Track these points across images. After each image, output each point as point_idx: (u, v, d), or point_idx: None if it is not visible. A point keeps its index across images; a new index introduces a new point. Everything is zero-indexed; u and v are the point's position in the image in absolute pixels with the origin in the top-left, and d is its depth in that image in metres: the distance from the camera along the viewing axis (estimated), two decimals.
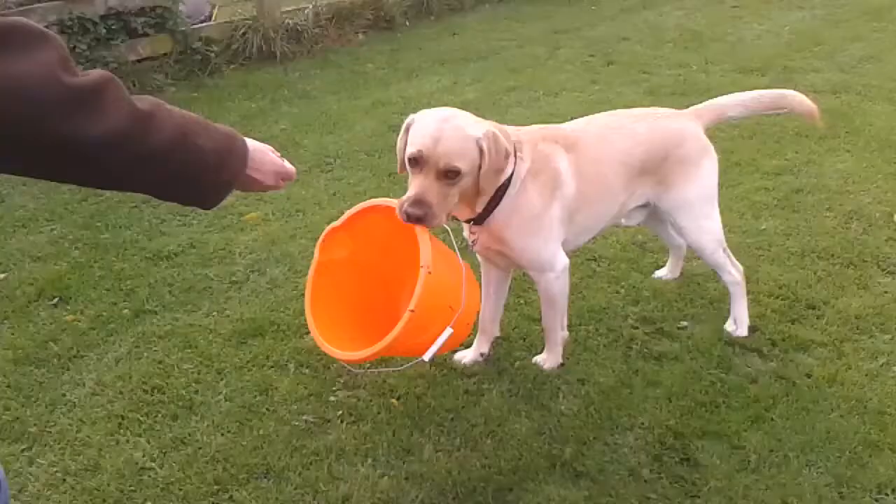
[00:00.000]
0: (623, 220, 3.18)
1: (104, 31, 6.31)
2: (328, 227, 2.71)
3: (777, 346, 3.15)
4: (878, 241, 3.89)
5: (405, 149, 2.55)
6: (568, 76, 6.46)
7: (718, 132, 4.99)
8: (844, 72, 6.41)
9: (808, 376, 2.98)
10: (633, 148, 2.95)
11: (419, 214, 2.45)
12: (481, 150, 2.51)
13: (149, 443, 2.71)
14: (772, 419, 2.77)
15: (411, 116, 2.60)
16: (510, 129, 2.76)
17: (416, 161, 2.48)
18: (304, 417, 2.80)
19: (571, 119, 5.22)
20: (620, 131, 2.98)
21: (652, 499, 2.47)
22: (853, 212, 4.17)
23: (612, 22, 8.03)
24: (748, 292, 3.24)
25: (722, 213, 3.15)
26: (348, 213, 2.70)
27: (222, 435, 2.73)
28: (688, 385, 2.93)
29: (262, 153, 1.72)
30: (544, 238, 2.79)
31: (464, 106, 5.69)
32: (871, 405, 2.83)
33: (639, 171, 2.97)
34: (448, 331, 2.47)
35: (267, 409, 2.85)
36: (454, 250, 2.65)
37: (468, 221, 2.76)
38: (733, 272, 3.18)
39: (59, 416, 2.85)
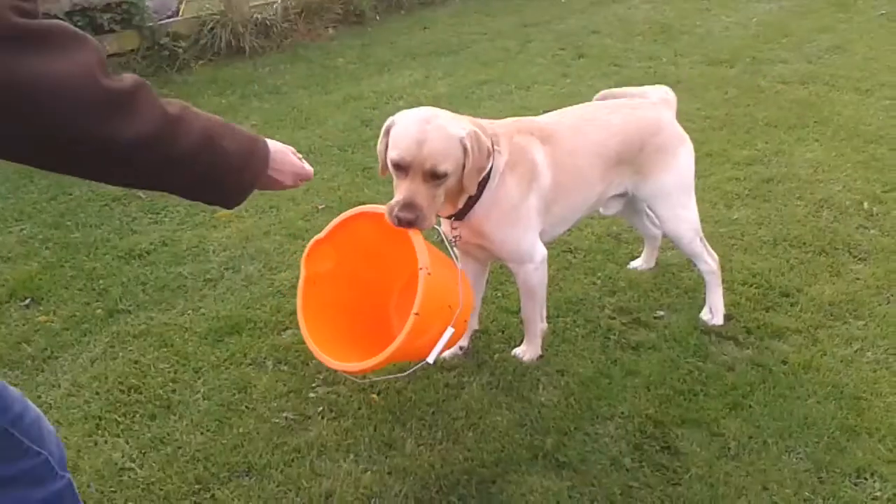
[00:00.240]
0: (601, 209, 3.20)
1: None
2: (312, 241, 2.69)
3: (752, 334, 3.18)
4: (849, 229, 3.94)
5: (386, 151, 2.52)
6: (539, 69, 6.47)
7: (689, 124, 5.03)
8: (812, 62, 6.49)
9: (784, 363, 3.02)
10: (608, 139, 2.96)
11: (411, 218, 2.44)
12: (465, 150, 2.50)
13: (127, 443, 2.68)
14: (750, 406, 2.80)
15: (391, 119, 2.57)
16: (485, 122, 2.76)
17: (401, 165, 2.47)
18: (284, 414, 2.78)
19: (544, 112, 5.24)
20: (595, 122, 2.98)
21: (634, 487, 2.49)
22: (824, 200, 4.23)
23: (581, 15, 8.05)
24: (722, 282, 3.27)
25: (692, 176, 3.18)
26: (331, 224, 2.67)
27: (202, 434, 2.71)
28: (666, 374, 2.95)
29: (283, 154, 1.82)
30: (523, 229, 2.80)
31: (436, 100, 5.73)
32: (847, 390, 2.87)
33: (615, 161, 2.98)
34: (450, 330, 2.47)
35: (246, 406, 2.83)
36: (447, 250, 2.65)
37: (449, 217, 2.75)
38: (709, 261, 3.20)
39: None
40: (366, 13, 7.93)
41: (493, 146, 2.67)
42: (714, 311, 3.24)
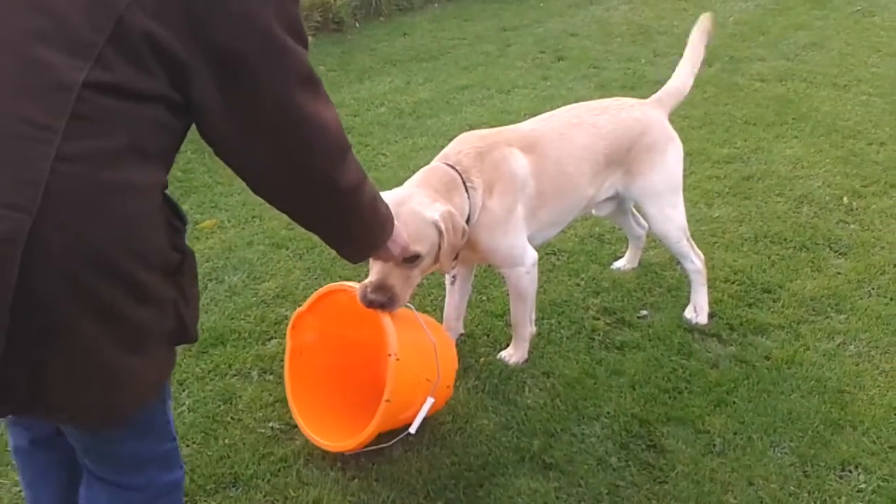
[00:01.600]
0: (594, 211, 3.22)
1: None
2: (295, 313, 2.70)
3: (735, 331, 3.20)
4: (829, 224, 3.98)
5: None
6: (519, 73, 6.49)
7: (670, 123, 5.07)
8: (789, 59, 6.54)
9: (768, 359, 3.04)
10: (595, 143, 2.96)
11: (382, 301, 2.43)
12: (440, 232, 2.50)
13: None
14: (734, 402, 2.81)
15: None
16: (468, 138, 2.76)
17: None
18: (270, 424, 2.78)
19: (526, 115, 5.25)
20: (581, 127, 2.97)
21: (621, 486, 2.50)
22: (803, 196, 4.26)
23: (560, 18, 8.08)
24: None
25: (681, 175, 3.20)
26: (312, 297, 2.68)
27: (187, 446, 2.69)
28: (650, 373, 2.96)
29: (399, 229, 2.10)
30: (513, 236, 2.82)
31: (417, 106, 5.75)
32: (831, 384, 2.89)
33: (604, 164, 2.99)
34: (429, 401, 2.50)
35: (232, 417, 2.82)
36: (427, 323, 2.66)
37: None
38: (695, 260, 3.22)
39: None
40: (345, 20, 7.93)
41: (465, 185, 2.68)
42: (698, 310, 3.25)
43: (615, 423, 2.74)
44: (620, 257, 3.69)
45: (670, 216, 3.13)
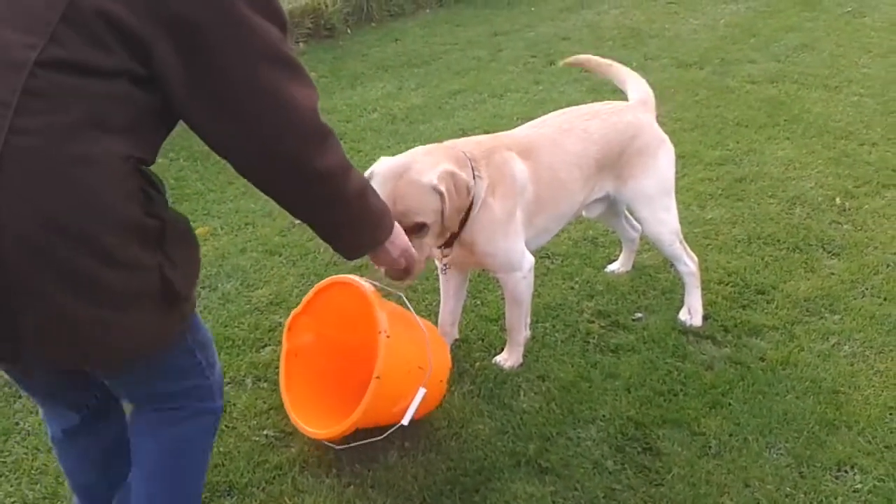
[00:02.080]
0: (584, 212, 3.22)
1: None
2: (291, 315, 2.70)
3: (730, 332, 3.20)
4: (822, 225, 3.98)
5: None
6: (511, 77, 6.50)
7: (661, 126, 5.07)
8: (780, 61, 6.56)
9: (762, 360, 3.04)
10: (587, 148, 2.95)
11: (399, 274, 2.35)
12: (441, 196, 2.49)
13: None
14: (729, 404, 2.81)
15: (370, 170, 2.56)
16: (465, 144, 2.74)
17: None
18: (265, 432, 2.76)
19: (518, 120, 5.25)
20: (573, 133, 2.96)
21: (617, 490, 2.49)
22: (796, 197, 4.27)
23: (551, 22, 8.09)
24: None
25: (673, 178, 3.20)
26: (307, 296, 2.68)
27: None
28: (645, 375, 2.96)
29: (399, 230, 2.08)
30: (512, 240, 2.81)
31: (410, 111, 5.75)
32: (826, 385, 2.90)
33: (596, 169, 2.99)
34: (421, 391, 2.48)
35: (226, 426, 2.80)
36: (412, 312, 2.65)
37: (439, 247, 2.74)
38: (689, 263, 3.22)
39: (13, 446, 2.76)
40: (337, 26, 7.93)
41: (473, 173, 2.66)
42: (693, 312, 3.25)
43: (611, 426, 2.73)
44: (614, 260, 3.69)
45: (663, 219, 3.13)
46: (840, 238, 3.86)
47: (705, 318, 3.26)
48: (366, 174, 2.52)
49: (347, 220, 1.87)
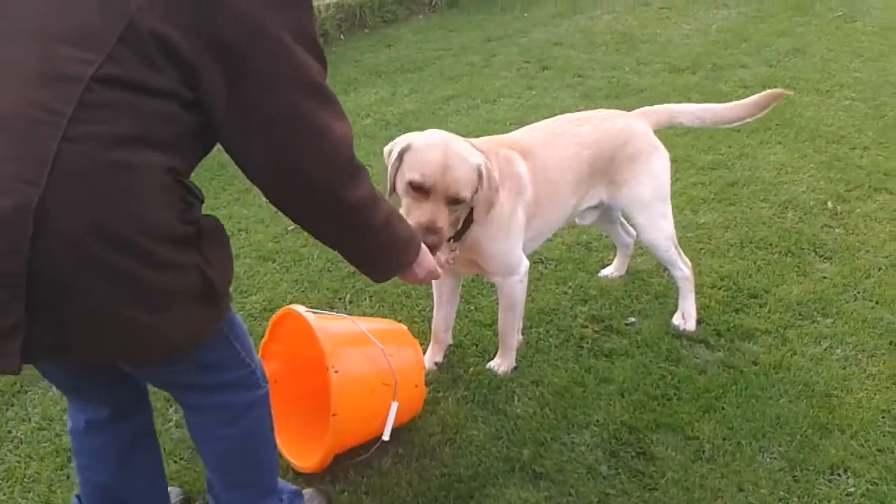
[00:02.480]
0: (577, 219, 3.22)
1: None
2: (261, 344, 2.69)
3: (723, 336, 3.21)
4: (814, 229, 4.00)
5: (397, 174, 2.53)
6: (504, 83, 6.51)
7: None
8: (772, 66, 6.59)
9: (755, 364, 3.05)
10: (579, 152, 2.96)
11: (435, 241, 2.42)
12: (480, 178, 2.52)
13: None
14: (722, 408, 2.82)
15: (404, 141, 2.55)
16: (474, 141, 2.75)
17: (422, 188, 2.46)
18: None
19: (511, 125, 5.27)
20: (564, 136, 2.97)
21: (611, 495, 2.50)
22: (788, 201, 4.28)
23: (544, 28, 8.12)
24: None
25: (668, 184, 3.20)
26: (270, 324, 2.70)
27: (175, 462, 2.68)
28: (639, 380, 2.97)
29: (426, 252, 2.14)
30: (513, 242, 2.82)
31: (403, 117, 5.75)
32: (818, 388, 2.90)
33: (588, 174, 2.99)
34: (394, 405, 2.49)
35: None
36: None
37: (448, 240, 2.69)
38: (683, 268, 3.23)
39: (5, 454, 2.76)
40: (330, 32, 7.94)
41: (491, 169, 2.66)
42: (686, 317, 3.26)
43: (605, 430, 2.74)
44: (608, 265, 3.70)
45: (659, 225, 3.14)
46: (832, 242, 3.88)
47: (698, 322, 3.27)
48: (398, 145, 2.55)
49: (376, 247, 1.95)
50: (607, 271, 3.65)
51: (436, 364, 3.06)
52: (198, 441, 2.10)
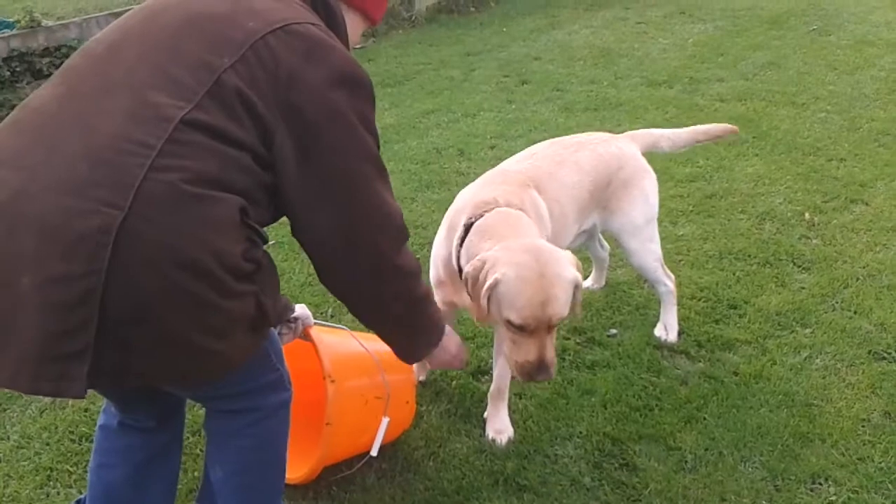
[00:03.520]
0: None
1: (8, 73, 6.16)
2: None
3: (703, 347, 3.23)
4: (792, 240, 4.04)
5: (489, 304, 2.31)
6: (484, 97, 6.54)
7: None
8: (748, 79, 6.66)
9: (736, 374, 3.07)
10: (581, 180, 2.91)
11: (545, 377, 2.34)
12: (577, 286, 2.35)
13: (80, 493, 2.60)
14: (704, 418, 2.83)
15: (491, 273, 2.29)
16: (492, 193, 2.57)
17: (523, 328, 2.29)
18: None
19: (491, 138, 5.29)
20: (566, 165, 2.90)
21: None
22: (765, 213, 4.33)
23: (523, 43, 8.17)
24: None
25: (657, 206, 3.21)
26: None
27: None
28: (621, 391, 2.98)
29: (450, 332, 2.28)
30: None
31: (384, 131, 5.74)
32: (798, 398, 2.93)
33: (588, 201, 2.95)
34: (385, 420, 2.48)
35: (200, 450, 2.77)
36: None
37: None
38: (668, 283, 3.24)
39: None
40: None
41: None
42: (669, 329, 3.28)
43: (587, 442, 2.74)
44: (587, 277, 3.71)
45: (649, 249, 3.14)
46: (809, 252, 3.92)
47: (679, 333, 3.29)
48: (484, 276, 2.31)
49: (410, 322, 2.10)
50: (587, 284, 3.66)
51: (420, 382, 3.04)
52: (219, 440, 2.11)
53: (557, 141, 3.11)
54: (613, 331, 3.36)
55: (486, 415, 2.84)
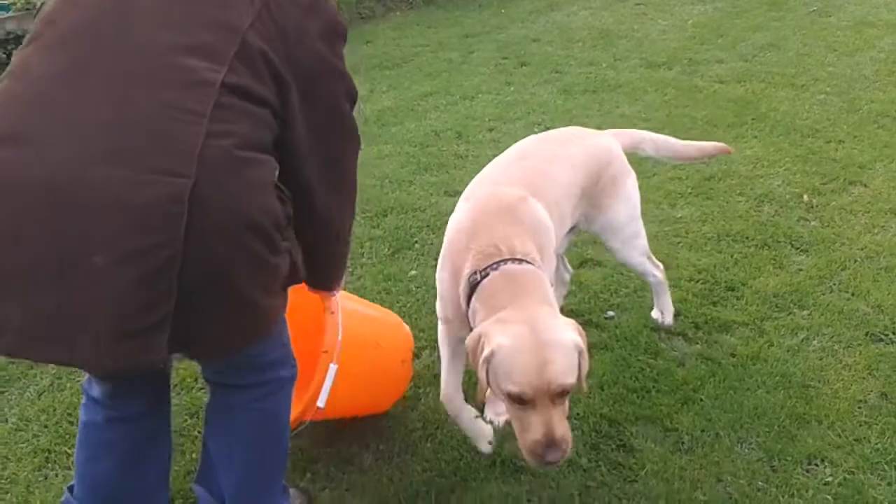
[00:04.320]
0: None
1: (4, 56, 6.19)
2: None
3: (701, 329, 3.24)
4: (790, 222, 4.04)
5: (488, 379, 2.14)
6: (483, 79, 6.52)
7: (631, 126, 5.10)
8: (747, 61, 6.63)
9: (733, 356, 3.07)
10: (574, 176, 2.79)
11: (558, 457, 2.10)
12: (581, 353, 2.16)
13: None
14: (701, 400, 2.84)
15: (486, 345, 2.13)
16: (502, 232, 2.36)
17: (523, 400, 2.10)
18: None
19: (489, 121, 5.27)
20: (557, 161, 2.77)
21: (591, 487, 2.51)
22: (764, 195, 4.32)
23: (521, 24, 8.13)
24: (669, 279, 3.31)
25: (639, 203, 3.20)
26: None
27: None
28: (618, 373, 2.98)
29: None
30: None
31: (381, 113, 5.74)
32: (795, 379, 2.93)
33: (579, 197, 2.82)
34: (332, 368, 2.34)
35: (198, 432, 2.78)
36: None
37: None
38: (656, 273, 3.19)
39: None
40: None
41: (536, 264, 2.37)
42: (665, 312, 3.27)
43: (585, 423, 2.75)
44: (587, 260, 3.71)
45: (635, 244, 3.07)
46: (808, 234, 3.92)
47: (676, 315, 3.29)
48: (481, 347, 2.15)
49: (343, 254, 2.26)
50: None
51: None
52: (227, 416, 2.12)
53: (544, 136, 3.01)
54: (611, 313, 3.36)
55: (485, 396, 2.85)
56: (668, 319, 3.26)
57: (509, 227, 2.39)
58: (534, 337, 2.11)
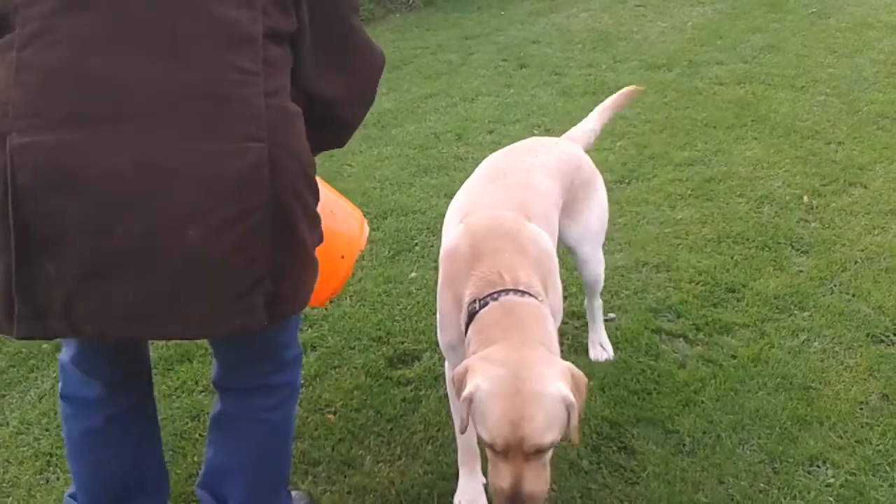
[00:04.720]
0: None
1: None
2: None
3: (701, 331, 3.24)
4: (791, 223, 4.03)
5: (468, 416, 1.97)
6: (482, 81, 6.52)
7: (630, 128, 5.14)
8: (747, 62, 6.63)
9: (734, 357, 3.07)
10: (553, 185, 2.64)
11: None
12: (568, 407, 1.93)
13: None
14: (702, 402, 2.84)
15: (468, 388, 1.93)
16: (508, 263, 2.17)
17: (494, 449, 1.93)
18: None
19: (489, 123, 5.27)
20: (534, 171, 2.60)
21: (593, 489, 2.51)
22: (764, 196, 4.32)
23: (521, 26, 8.13)
24: (670, 280, 3.32)
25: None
26: None
27: None
28: (619, 375, 2.98)
29: None
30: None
31: (381, 116, 5.74)
32: (797, 381, 2.93)
33: (560, 206, 2.68)
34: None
35: (200, 434, 2.78)
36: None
37: None
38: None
39: None
40: None
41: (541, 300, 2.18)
42: (605, 346, 3.13)
43: (586, 426, 2.75)
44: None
45: (600, 258, 2.96)
46: (808, 236, 3.92)
47: (677, 315, 3.29)
48: (462, 386, 1.96)
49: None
50: None
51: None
52: (234, 427, 2.11)
53: (510, 150, 2.82)
54: (612, 315, 3.35)
55: None
56: (611, 352, 3.11)
57: (513, 255, 2.21)
58: (514, 385, 1.90)
